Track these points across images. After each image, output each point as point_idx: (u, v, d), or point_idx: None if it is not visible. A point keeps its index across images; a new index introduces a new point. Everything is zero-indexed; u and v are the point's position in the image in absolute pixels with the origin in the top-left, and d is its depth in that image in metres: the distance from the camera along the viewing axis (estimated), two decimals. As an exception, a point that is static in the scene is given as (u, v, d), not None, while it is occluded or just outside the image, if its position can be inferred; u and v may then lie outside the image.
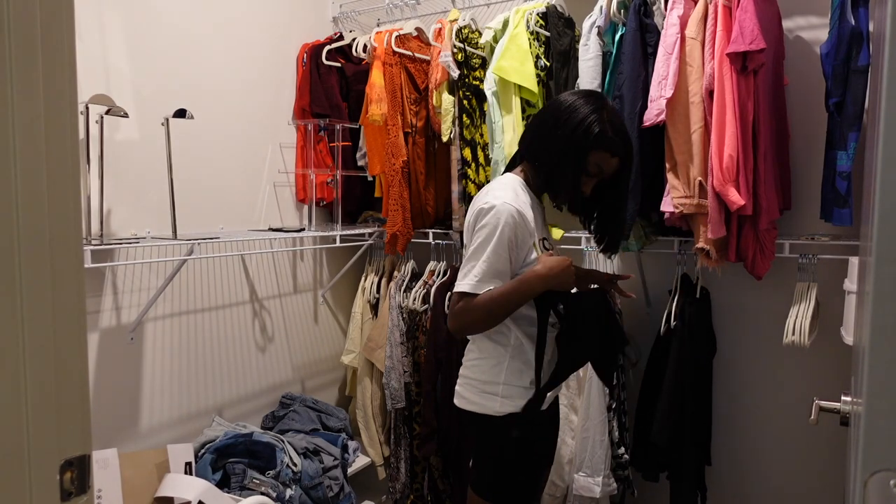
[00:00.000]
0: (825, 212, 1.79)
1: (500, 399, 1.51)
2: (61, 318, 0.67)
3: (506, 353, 1.52)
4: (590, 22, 2.03)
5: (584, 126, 1.43)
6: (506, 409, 1.50)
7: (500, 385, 1.51)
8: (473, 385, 1.55)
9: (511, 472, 1.55)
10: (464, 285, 1.43)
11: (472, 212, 1.49)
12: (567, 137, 1.44)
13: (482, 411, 1.52)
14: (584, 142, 1.43)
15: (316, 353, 2.81)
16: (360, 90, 2.50)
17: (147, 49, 2.07)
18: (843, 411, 1.07)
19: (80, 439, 0.69)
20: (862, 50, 1.67)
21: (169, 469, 1.95)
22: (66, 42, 0.67)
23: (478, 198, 1.52)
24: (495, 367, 1.53)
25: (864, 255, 1.07)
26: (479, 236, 1.43)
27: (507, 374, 1.51)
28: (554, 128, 1.47)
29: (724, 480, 2.21)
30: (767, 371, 2.13)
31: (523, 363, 1.51)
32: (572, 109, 1.45)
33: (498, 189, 1.49)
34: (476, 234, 1.44)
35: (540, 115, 1.56)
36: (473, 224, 1.47)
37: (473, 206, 1.50)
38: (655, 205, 1.94)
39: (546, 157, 1.49)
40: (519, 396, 1.51)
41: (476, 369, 1.56)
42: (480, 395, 1.53)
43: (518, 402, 1.50)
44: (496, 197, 1.45)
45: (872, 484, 0.62)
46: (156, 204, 2.08)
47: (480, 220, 1.44)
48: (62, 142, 0.67)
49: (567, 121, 1.45)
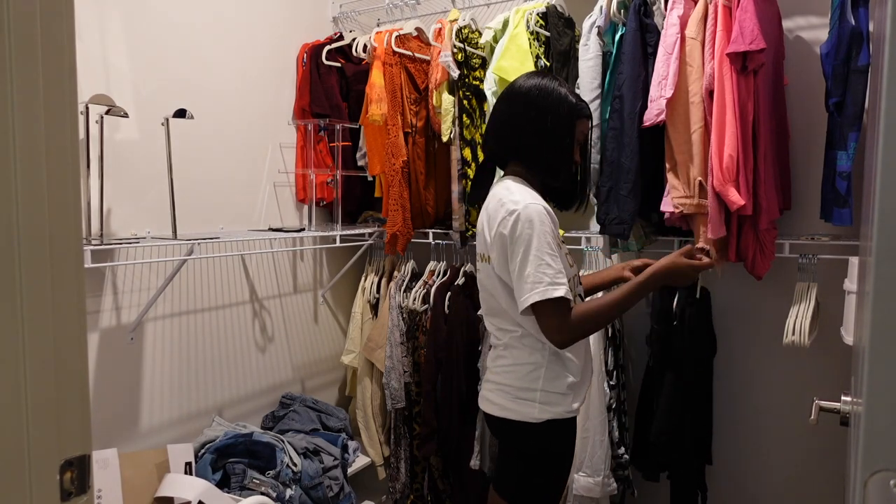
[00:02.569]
0: (825, 212, 1.79)
1: (538, 405, 1.49)
2: (61, 318, 0.67)
3: (543, 360, 1.50)
4: (590, 22, 2.03)
5: (565, 103, 1.48)
6: (544, 415, 1.49)
7: (537, 392, 1.49)
8: (507, 391, 1.52)
9: (544, 476, 1.55)
10: (552, 291, 1.37)
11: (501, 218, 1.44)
12: (556, 121, 1.48)
13: (519, 418, 1.50)
14: (570, 117, 1.49)
15: (316, 353, 2.80)
16: (360, 90, 2.50)
17: (147, 49, 2.07)
18: (843, 411, 1.07)
19: (80, 439, 0.69)
20: (862, 50, 1.67)
21: (169, 469, 1.95)
22: (66, 42, 0.67)
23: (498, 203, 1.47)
24: (532, 372, 1.50)
25: (864, 255, 1.07)
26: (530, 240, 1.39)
27: (545, 381, 1.49)
28: (538, 118, 1.48)
29: (724, 480, 2.21)
30: (767, 371, 2.13)
31: (561, 368, 1.50)
32: (544, 93, 1.49)
33: (517, 193, 1.46)
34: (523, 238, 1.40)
35: (510, 112, 1.53)
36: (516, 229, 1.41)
37: (496, 212, 1.46)
38: (655, 205, 1.94)
39: (541, 147, 1.50)
40: (556, 403, 1.50)
41: (510, 375, 1.53)
42: (515, 401, 1.51)
43: (556, 409, 1.49)
44: (525, 200, 1.42)
45: (872, 484, 0.62)
46: (156, 204, 2.08)
47: (520, 224, 1.40)
48: (62, 142, 0.67)
49: (548, 106, 1.48)
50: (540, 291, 1.38)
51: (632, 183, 1.89)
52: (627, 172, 1.90)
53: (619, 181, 1.91)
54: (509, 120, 1.54)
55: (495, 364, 1.59)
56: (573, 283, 1.55)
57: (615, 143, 1.92)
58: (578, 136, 1.53)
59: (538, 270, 1.38)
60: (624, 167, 1.90)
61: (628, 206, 1.90)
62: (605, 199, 1.96)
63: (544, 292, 1.37)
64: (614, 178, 1.93)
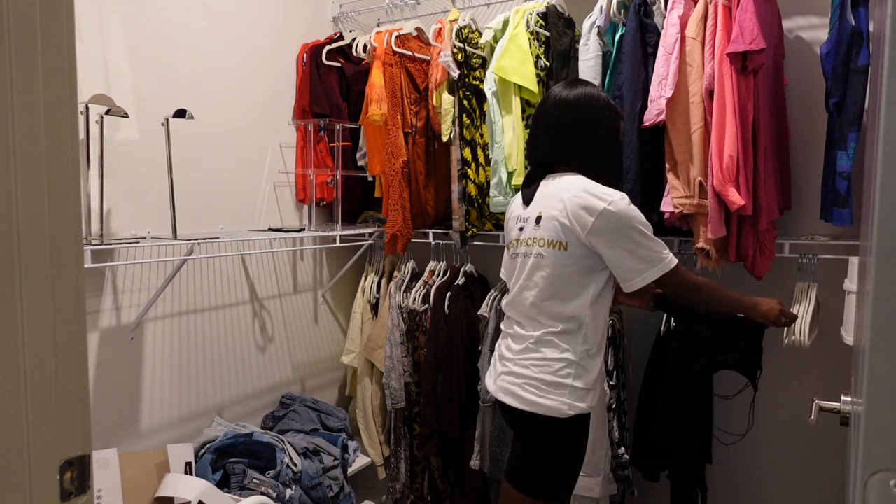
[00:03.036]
0: (825, 212, 1.79)
1: (567, 401, 1.53)
2: (61, 318, 0.67)
3: (574, 356, 1.54)
4: (590, 22, 2.03)
5: (609, 107, 1.61)
6: (572, 410, 1.53)
7: (567, 388, 1.53)
8: (535, 385, 1.55)
9: (565, 469, 1.59)
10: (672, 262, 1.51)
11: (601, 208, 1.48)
12: (607, 125, 1.59)
13: (546, 413, 1.53)
14: (616, 119, 1.62)
15: (316, 353, 2.80)
16: (360, 90, 2.50)
17: (147, 49, 2.07)
18: (843, 411, 1.07)
19: (80, 439, 0.69)
20: (862, 50, 1.67)
21: (169, 469, 1.95)
22: (66, 42, 0.67)
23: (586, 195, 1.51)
24: (563, 368, 1.54)
25: (864, 255, 1.07)
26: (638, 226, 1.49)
27: (576, 377, 1.53)
28: (594, 123, 1.59)
29: (724, 480, 2.21)
30: (767, 371, 2.13)
31: (589, 365, 1.56)
32: (593, 100, 1.58)
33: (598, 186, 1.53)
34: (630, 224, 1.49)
35: (564, 121, 1.59)
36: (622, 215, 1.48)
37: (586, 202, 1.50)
38: (655, 205, 1.94)
39: (601, 150, 1.60)
40: (582, 399, 1.54)
41: (539, 369, 1.55)
42: (543, 396, 1.54)
43: (581, 404, 1.54)
44: (613, 193, 1.51)
45: (872, 484, 0.62)
46: (156, 204, 2.08)
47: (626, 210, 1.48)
48: (62, 142, 0.67)
49: (599, 111, 1.58)
50: (668, 261, 1.51)
51: (632, 183, 1.90)
52: (627, 172, 1.90)
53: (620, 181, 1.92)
54: (565, 128, 1.60)
55: (523, 357, 1.59)
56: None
57: (615, 143, 1.92)
58: (621, 136, 1.66)
59: (653, 249, 1.51)
60: (624, 167, 1.90)
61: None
62: (605, 199, 1.96)
63: (670, 262, 1.52)
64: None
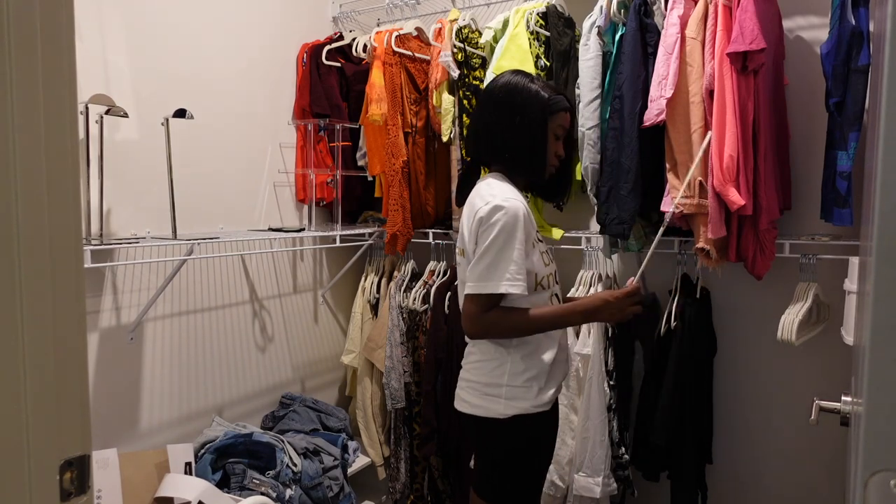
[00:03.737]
0: (825, 212, 1.79)
1: (503, 401, 1.50)
2: (61, 318, 0.67)
3: (507, 354, 1.51)
4: (590, 22, 2.03)
5: (535, 99, 1.49)
6: (510, 411, 1.49)
7: (503, 387, 1.50)
8: (475, 388, 1.54)
9: (518, 473, 1.54)
10: (500, 286, 1.39)
11: (477, 210, 1.45)
12: (528, 118, 1.49)
13: (486, 414, 1.51)
14: (543, 113, 1.50)
15: (316, 353, 2.80)
16: (360, 90, 2.50)
17: (147, 49, 2.07)
18: (843, 411, 1.07)
19: (80, 439, 0.69)
20: (862, 50, 1.67)
21: (169, 469, 1.95)
22: (66, 42, 0.67)
23: (477, 197, 1.49)
24: (497, 368, 1.52)
25: (864, 255, 1.07)
26: (499, 234, 1.40)
27: (510, 376, 1.50)
28: (509, 116, 1.50)
29: (724, 480, 2.21)
30: (768, 371, 2.13)
31: (525, 363, 1.51)
32: (514, 91, 1.50)
33: (497, 187, 1.48)
34: (490, 230, 1.41)
35: (483, 112, 1.56)
36: (486, 220, 1.42)
37: (475, 205, 1.48)
38: (655, 205, 1.94)
39: (517, 146, 1.51)
40: (522, 397, 1.50)
41: (477, 371, 1.55)
42: (483, 397, 1.52)
43: (521, 404, 1.50)
44: (503, 195, 1.44)
45: (872, 484, 0.62)
46: (156, 204, 2.08)
47: (494, 216, 1.41)
48: (62, 142, 0.67)
49: (518, 103, 1.49)
50: (475, 288, 1.42)
51: (632, 183, 1.90)
52: (627, 172, 1.90)
53: (619, 181, 1.91)
54: (483, 120, 1.56)
55: (466, 360, 1.61)
56: (549, 280, 1.55)
57: (615, 143, 1.92)
58: (556, 129, 1.54)
59: (493, 264, 1.40)
60: (624, 167, 1.90)
61: (628, 205, 1.90)
62: (605, 199, 1.96)
63: (477, 288, 1.42)
64: (614, 178, 1.93)
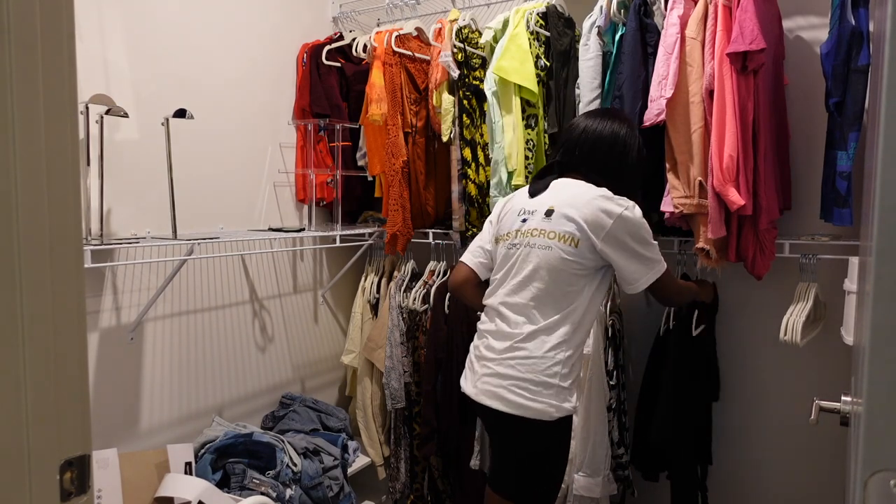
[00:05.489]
0: (825, 212, 1.79)
1: (555, 403, 1.51)
2: (61, 318, 0.67)
3: (563, 355, 1.53)
4: (590, 22, 2.03)
5: (642, 150, 1.70)
6: (559, 413, 1.51)
7: (553, 388, 1.51)
8: (523, 387, 1.52)
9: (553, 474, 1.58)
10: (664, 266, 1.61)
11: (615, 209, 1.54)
12: (637, 155, 1.68)
13: (535, 416, 1.51)
14: (643, 153, 1.71)
15: (316, 353, 2.80)
16: (360, 90, 2.50)
17: (147, 49, 2.07)
18: (843, 411, 1.07)
19: (80, 439, 0.69)
20: (862, 50, 1.67)
21: (169, 469, 1.95)
22: (66, 42, 0.67)
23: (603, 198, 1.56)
24: (551, 367, 1.52)
25: (864, 255, 1.07)
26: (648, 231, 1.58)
27: (561, 377, 1.52)
28: (625, 154, 1.66)
29: (724, 480, 2.21)
30: (768, 371, 2.13)
31: (571, 364, 1.55)
32: (631, 137, 1.67)
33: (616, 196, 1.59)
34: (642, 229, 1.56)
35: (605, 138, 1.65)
36: (636, 221, 1.55)
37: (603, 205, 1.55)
38: (655, 205, 1.94)
39: (630, 175, 1.68)
40: (568, 399, 1.53)
41: (526, 368, 1.53)
42: (531, 399, 1.51)
43: (567, 405, 1.53)
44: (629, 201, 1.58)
45: (872, 484, 0.62)
46: (156, 204, 2.08)
47: (640, 218, 1.57)
48: (62, 142, 0.67)
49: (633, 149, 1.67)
50: (661, 266, 1.60)
51: (632, 183, 1.90)
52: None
53: (620, 181, 1.92)
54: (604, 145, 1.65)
55: (507, 356, 1.55)
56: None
57: (615, 143, 1.92)
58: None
59: (656, 255, 1.59)
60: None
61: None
62: (605, 199, 1.96)
63: (663, 267, 1.60)
64: (614, 178, 1.93)
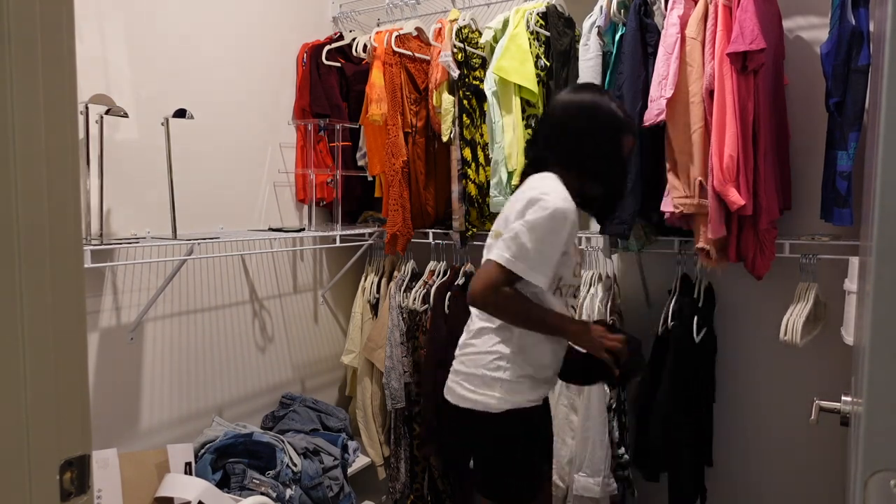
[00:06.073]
0: (825, 212, 1.79)
1: (498, 396, 1.50)
2: (61, 318, 0.67)
3: (508, 351, 1.51)
4: (590, 22, 2.03)
5: (614, 117, 1.52)
6: (504, 405, 1.50)
7: (499, 381, 1.51)
8: (470, 381, 1.54)
9: (514, 467, 1.54)
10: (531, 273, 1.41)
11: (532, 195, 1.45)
12: (609, 139, 1.52)
13: (480, 408, 1.51)
14: (618, 132, 1.52)
15: (316, 353, 2.80)
16: (360, 90, 2.50)
17: (147, 49, 2.07)
18: (843, 411, 1.07)
19: (80, 439, 0.69)
20: (862, 50, 1.67)
21: (169, 469, 1.95)
22: (66, 42, 0.67)
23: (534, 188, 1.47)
24: (494, 362, 1.52)
25: (864, 255, 1.07)
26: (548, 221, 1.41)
27: (508, 371, 1.50)
28: (589, 129, 1.52)
29: (724, 480, 2.21)
30: (768, 371, 2.13)
31: (525, 361, 1.51)
32: (598, 106, 1.52)
33: (558, 186, 1.47)
34: (540, 213, 1.41)
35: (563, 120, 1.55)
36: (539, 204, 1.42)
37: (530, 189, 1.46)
38: (655, 205, 1.94)
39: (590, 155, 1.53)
40: (517, 392, 1.51)
41: (473, 364, 1.54)
42: (477, 392, 1.52)
43: (516, 398, 1.50)
44: (563, 195, 1.45)
45: (873, 484, 0.62)
46: (156, 204, 2.08)
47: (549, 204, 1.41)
48: (62, 142, 0.67)
49: (601, 118, 1.51)
50: (506, 259, 1.42)
51: (632, 183, 1.89)
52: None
53: (620, 181, 1.91)
54: (562, 127, 1.56)
55: (460, 353, 1.60)
56: (566, 292, 1.57)
57: (615, 143, 1.92)
58: (624, 150, 1.55)
59: (534, 249, 1.41)
60: (624, 168, 1.90)
61: (628, 205, 1.90)
62: (605, 199, 1.96)
63: (508, 261, 1.42)
64: (614, 178, 1.93)
